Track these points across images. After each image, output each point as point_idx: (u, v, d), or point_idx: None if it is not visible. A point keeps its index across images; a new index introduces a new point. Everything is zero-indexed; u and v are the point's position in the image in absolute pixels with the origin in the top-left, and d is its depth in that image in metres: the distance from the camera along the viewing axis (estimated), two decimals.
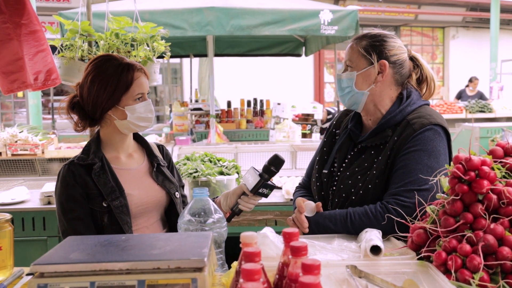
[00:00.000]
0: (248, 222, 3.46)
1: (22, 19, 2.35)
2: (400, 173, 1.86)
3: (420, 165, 1.84)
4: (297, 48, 8.51)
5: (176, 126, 7.64)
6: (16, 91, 2.33)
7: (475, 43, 16.02)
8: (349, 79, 2.01)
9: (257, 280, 0.94)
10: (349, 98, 2.04)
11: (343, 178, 2.02)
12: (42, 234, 3.40)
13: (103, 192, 1.98)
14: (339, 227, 1.86)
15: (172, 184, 2.21)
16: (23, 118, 12.06)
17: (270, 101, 7.91)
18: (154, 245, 1.30)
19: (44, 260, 1.21)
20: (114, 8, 4.90)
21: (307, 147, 5.16)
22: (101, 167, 2.02)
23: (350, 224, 1.84)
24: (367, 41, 2.01)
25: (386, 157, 1.92)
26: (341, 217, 1.87)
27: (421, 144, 1.87)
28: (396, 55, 2.01)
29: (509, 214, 1.34)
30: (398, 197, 1.82)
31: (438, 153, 1.87)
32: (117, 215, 1.97)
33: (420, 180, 1.81)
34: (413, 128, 1.90)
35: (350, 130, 2.11)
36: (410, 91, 2.04)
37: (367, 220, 1.82)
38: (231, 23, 5.32)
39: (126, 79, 2.03)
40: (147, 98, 2.11)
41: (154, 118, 2.15)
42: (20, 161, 4.77)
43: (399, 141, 1.91)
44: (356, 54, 2.01)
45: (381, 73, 1.99)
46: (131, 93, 2.04)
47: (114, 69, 2.03)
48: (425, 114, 1.95)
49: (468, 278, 1.27)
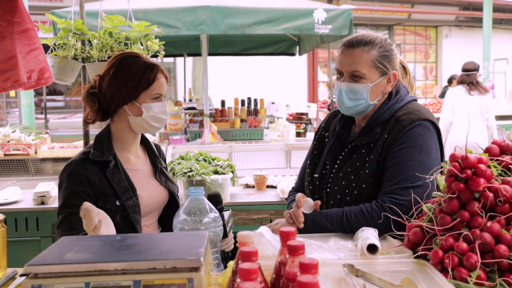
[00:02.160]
0: (243, 222, 3.45)
1: (15, 17, 2.33)
2: (393, 171, 1.86)
3: (412, 162, 1.84)
4: (291, 47, 8.50)
5: (170, 126, 7.61)
6: (10, 90, 2.32)
7: (468, 42, 16.08)
8: (362, 91, 1.94)
9: (255, 280, 0.93)
10: (359, 109, 1.99)
11: (336, 179, 2.01)
12: (35, 235, 3.38)
13: (118, 191, 1.98)
14: (335, 225, 1.86)
15: (174, 184, 2.25)
16: (15, 118, 11.99)
17: (264, 100, 7.90)
18: (150, 244, 1.28)
19: (38, 260, 1.19)
20: (107, 7, 4.87)
21: (301, 146, 5.17)
22: (115, 165, 2.02)
23: (346, 223, 1.84)
24: (377, 51, 1.93)
25: (378, 155, 1.91)
26: (337, 216, 1.86)
27: (411, 140, 1.87)
28: (397, 62, 2.02)
29: (506, 212, 1.34)
30: (393, 195, 1.81)
31: (429, 148, 1.87)
32: (130, 215, 1.98)
33: (413, 177, 1.81)
34: (403, 125, 1.90)
35: (338, 132, 2.10)
36: (399, 87, 2.05)
37: (363, 218, 1.81)
38: (225, 22, 5.31)
39: (149, 77, 2.06)
40: (163, 100, 2.13)
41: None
42: (12, 161, 4.74)
43: (389, 139, 1.91)
44: (368, 65, 1.92)
45: (389, 83, 1.99)
46: (151, 91, 2.07)
47: (139, 66, 2.07)
48: (414, 110, 1.95)
49: (465, 276, 1.27)
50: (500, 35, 15.96)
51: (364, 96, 1.94)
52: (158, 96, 2.10)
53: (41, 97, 12.03)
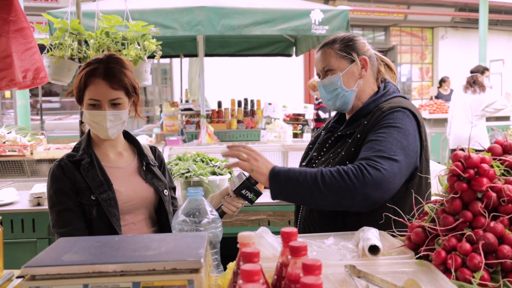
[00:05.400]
0: (241, 222, 3.43)
1: (10, 16, 2.31)
2: (371, 144, 1.84)
3: (391, 138, 1.83)
4: (288, 48, 8.50)
5: (166, 127, 7.60)
6: (5, 89, 2.30)
7: (463, 43, 16.12)
8: (335, 81, 2.04)
9: (257, 281, 0.91)
10: (339, 99, 2.06)
11: (318, 165, 2.05)
12: (31, 236, 3.36)
13: (91, 186, 2.03)
14: (308, 181, 1.75)
15: (161, 182, 2.24)
16: (11, 119, 11.93)
17: (261, 101, 7.89)
18: (149, 246, 1.27)
19: (36, 262, 1.17)
20: (104, 7, 4.84)
21: (298, 147, 5.15)
22: (89, 162, 2.08)
23: (321, 178, 1.74)
24: (340, 44, 2.07)
25: (356, 139, 1.94)
26: (312, 172, 1.78)
27: (390, 121, 1.89)
28: (367, 50, 2.10)
29: (509, 212, 1.33)
30: (370, 160, 1.76)
31: (407, 131, 1.87)
32: (105, 208, 2.02)
33: (391, 150, 1.79)
34: (382, 110, 1.94)
35: (331, 125, 2.20)
36: (388, 84, 2.11)
37: (339, 176, 1.73)
38: (221, 23, 5.29)
39: (83, 81, 2.07)
40: (106, 108, 2.04)
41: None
42: (8, 162, 4.70)
43: (369, 125, 1.93)
44: (334, 57, 2.05)
45: (363, 68, 2.06)
46: (86, 97, 2.07)
47: (82, 69, 2.10)
48: (396, 101, 1.98)
49: (468, 277, 1.25)
50: (496, 36, 16.01)
51: (338, 84, 2.04)
52: (95, 104, 2.05)
53: (37, 98, 12.01)
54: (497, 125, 8.83)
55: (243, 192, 1.95)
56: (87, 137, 2.17)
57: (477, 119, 6.93)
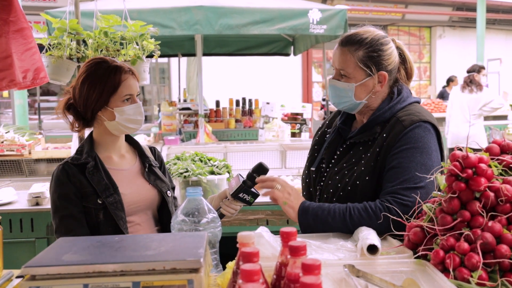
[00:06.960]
0: (240, 222, 3.44)
1: (10, 16, 2.31)
2: (395, 172, 1.84)
3: (414, 163, 1.82)
4: (286, 48, 8.50)
5: (164, 126, 7.59)
6: (5, 90, 2.31)
7: (461, 43, 16.14)
8: (347, 90, 1.96)
9: (257, 281, 0.92)
10: (346, 105, 2.01)
11: (331, 174, 2.02)
12: (30, 236, 3.35)
13: (98, 190, 2.03)
14: (337, 220, 1.80)
15: (164, 183, 2.26)
16: (9, 118, 11.90)
17: (259, 101, 7.89)
18: (149, 245, 1.27)
19: (36, 262, 1.17)
20: (102, 7, 4.83)
21: (296, 147, 5.16)
22: (94, 166, 2.08)
23: (349, 219, 1.79)
24: (364, 52, 1.93)
25: (376, 154, 1.90)
26: (340, 210, 1.81)
27: (412, 141, 1.86)
28: (392, 62, 1.98)
29: (507, 212, 1.33)
30: (396, 195, 1.79)
31: (430, 149, 1.86)
32: (112, 211, 2.02)
33: (415, 177, 1.80)
34: (403, 125, 1.89)
35: (339, 127, 2.12)
36: (401, 87, 2.04)
37: (367, 216, 1.77)
38: (219, 22, 5.30)
39: (113, 80, 2.08)
40: (137, 101, 2.14)
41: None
42: (6, 161, 4.70)
43: (389, 139, 1.89)
44: (353, 65, 1.94)
45: (380, 83, 1.97)
46: (119, 94, 2.09)
47: (103, 71, 2.09)
48: (415, 112, 1.94)
49: (466, 277, 1.26)
50: (494, 36, 16.04)
51: (349, 94, 1.96)
52: (129, 97, 2.12)
53: (35, 98, 11.97)
54: (495, 124, 8.85)
55: (240, 195, 1.99)
56: (89, 140, 2.17)
57: (475, 118, 6.95)
